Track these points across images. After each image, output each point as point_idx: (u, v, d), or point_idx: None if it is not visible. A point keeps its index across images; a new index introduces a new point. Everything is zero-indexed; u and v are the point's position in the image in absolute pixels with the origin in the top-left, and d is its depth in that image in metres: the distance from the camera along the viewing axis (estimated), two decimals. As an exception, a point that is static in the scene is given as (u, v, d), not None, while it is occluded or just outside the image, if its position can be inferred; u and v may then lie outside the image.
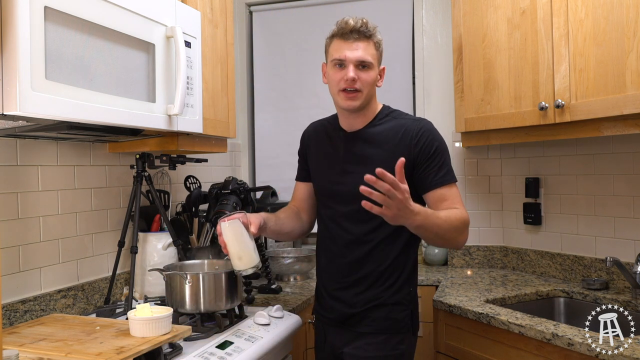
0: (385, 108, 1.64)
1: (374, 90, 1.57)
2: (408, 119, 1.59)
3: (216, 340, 1.48)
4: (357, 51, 1.50)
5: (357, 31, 1.51)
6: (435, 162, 1.52)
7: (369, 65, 1.51)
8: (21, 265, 1.59)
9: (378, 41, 1.54)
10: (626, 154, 2.05)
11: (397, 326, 1.55)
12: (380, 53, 1.56)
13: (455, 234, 1.48)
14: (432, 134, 1.55)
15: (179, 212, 2.23)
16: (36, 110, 1.10)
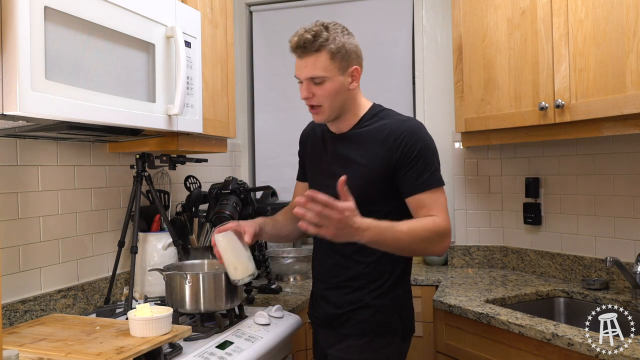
0: (374, 108, 1.57)
1: (342, 97, 1.49)
2: (395, 119, 1.52)
3: (216, 340, 1.48)
4: (305, 68, 1.45)
5: (303, 47, 1.44)
6: (417, 166, 1.46)
7: (322, 79, 1.45)
8: (21, 265, 1.59)
9: (333, 49, 1.43)
10: (626, 154, 2.04)
11: (381, 330, 1.51)
12: (340, 58, 1.45)
13: (424, 245, 1.41)
14: (415, 136, 1.47)
15: (179, 212, 2.23)
16: (36, 110, 1.10)
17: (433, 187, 1.46)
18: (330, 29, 1.45)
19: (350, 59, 1.48)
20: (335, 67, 1.45)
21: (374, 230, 1.32)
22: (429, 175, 1.46)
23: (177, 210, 2.25)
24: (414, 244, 1.39)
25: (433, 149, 1.51)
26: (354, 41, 1.50)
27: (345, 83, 1.48)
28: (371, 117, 1.54)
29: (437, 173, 1.49)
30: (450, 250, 2.62)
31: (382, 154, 1.47)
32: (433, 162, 1.49)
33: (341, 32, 1.47)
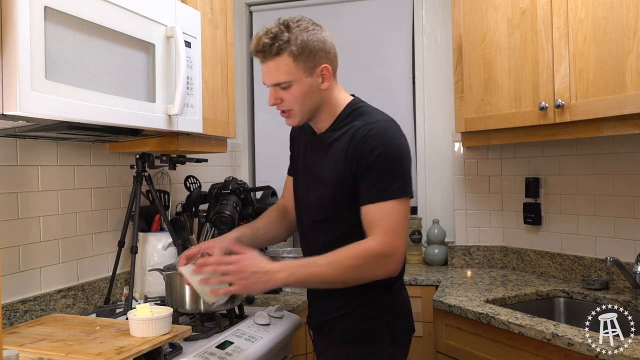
0: (351, 105, 1.45)
1: (313, 99, 1.39)
2: (363, 120, 1.38)
3: (216, 340, 1.48)
4: (269, 74, 1.36)
5: (262, 52, 1.34)
6: (372, 175, 1.32)
7: (287, 83, 1.35)
8: (21, 265, 1.59)
9: (295, 51, 1.32)
10: (626, 154, 2.05)
11: (365, 337, 1.41)
12: (305, 59, 1.34)
13: (357, 273, 1.30)
14: (377, 140, 1.33)
15: (179, 212, 2.23)
16: (36, 110, 1.10)
17: (384, 199, 1.31)
18: (292, 28, 1.34)
19: (317, 58, 1.35)
20: (300, 69, 1.34)
21: (288, 270, 1.27)
22: (384, 186, 1.31)
23: (177, 210, 2.25)
24: (342, 275, 1.29)
25: (396, 155, 1.34)
26: (321, 36, 1.37)
27: (315, 84, 1.37)
28: (345, 117, 1.43)
29: (395, 183, 1.32)
30: (450, 250, 2.62)
31: (344, 165, 1.37)
32: (392, 171, 1.32)
33: (304, 29, 1.35)
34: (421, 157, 2.84)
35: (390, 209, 1.31)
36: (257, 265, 1.26)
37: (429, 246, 2.69)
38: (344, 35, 2.97)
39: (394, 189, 1.31)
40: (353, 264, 1.28)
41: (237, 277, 1.25)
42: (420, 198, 2.84)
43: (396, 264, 1.31)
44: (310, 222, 1.49)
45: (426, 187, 2.83)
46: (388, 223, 1.30)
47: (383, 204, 1.31)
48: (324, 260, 1.29)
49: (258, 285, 1.27)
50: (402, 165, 1.35)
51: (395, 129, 1.39)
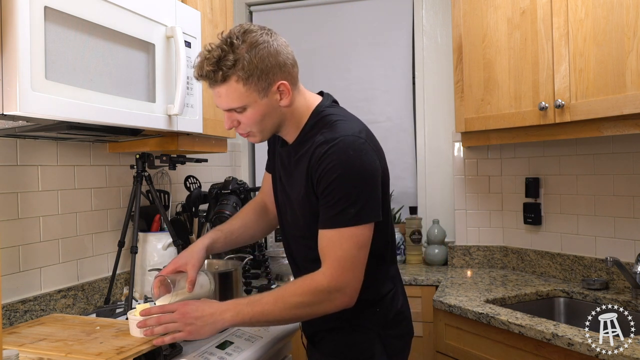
0: (315, 115, 1.32)
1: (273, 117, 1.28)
2: (325, 136, 1.25)
3: (216, 340, 1.47)
4: (219, 99, 1.24)
5: (206, 79, 1.22)
6: (328, 198, 1.21)
7: (241, 108, 1.24)
8: (21, 265, 1.59)
9: (242, 75, 1.19)
10: (626, 154, 2.05)
11: (354, 351, 1.35)
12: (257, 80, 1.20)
13: (305, 310, 1.23)
14: (335, 161, 1.20)
15: (179, 212, 2.23)
16: (36, 110, 1.10)
17: (336, 226, 1.21)
18: (236, 46, 1.18)
19: (270, 76, 1.22)
20: (253, 91, 1.21)
21: (234, 309, 1.22)
22: (338, 212, 1.20)
23: (177, 210, 2.25)
24: (288, 313, 1.22)
25: (354, 178, 1.21)
26: (272, 48, 1.22)
27: (273, 102, 1.25)
28: (310, 129, 1.31)
29: (351, 209, 1.20)
30: (450, 250, 2.62)
31: (306, 187, 1.28)
32: (350, 195, 1.20)
33: (252, 45, 1.19)
34: (421, 157, 2.84)
35: (342, 237, 1.21)
36: (201, 309, 1.23)
37: (429, 246, 2.69)
38: (344, 35, 2.98)
39: (348, 215, 1.20)
40: (299, 300, 1.21)
41: (182, 324, 1.22)
42: (420, 198, 2.84)
43: (349, 297, 1.23)
44: (291, 235, 1.44)
45: (426, 187, 2.83)
46: (338, 254, 1.20)
47: (335, 232, 1.21)
48: (269, 298, 1.23)
49: (205, 329, 1.23)
50: (363, 188, 1.21)
51: (359, 146, 1.23)
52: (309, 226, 1.30)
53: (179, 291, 1.34)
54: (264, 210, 1.60)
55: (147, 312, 1.25)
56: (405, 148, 2.90)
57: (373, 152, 1.26)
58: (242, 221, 1.57)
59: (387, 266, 1.40)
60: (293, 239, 1.43)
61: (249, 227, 1.57)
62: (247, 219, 1.58)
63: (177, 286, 1.34)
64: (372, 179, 1.23)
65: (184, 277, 1.36)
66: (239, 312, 1.23)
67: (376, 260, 1.34)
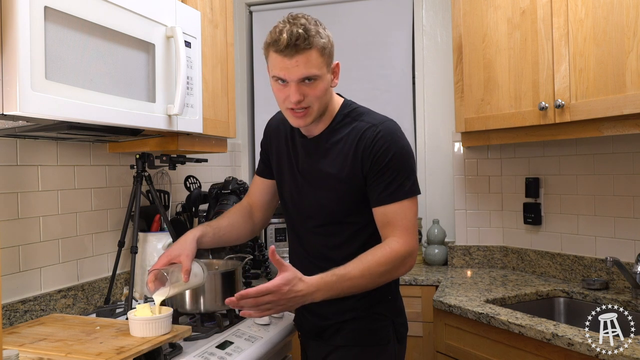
0: (345, 106, 1.45)
1: (328, 97, 1.39)
2: (366, 122, 1.40)
3: (216, 340, 1.47)
4: (297, 68, 1.29)
5: (294, 45, 1.28)
6: (386, 176, 1.35)
7: (315, 77, 1.31)
8: (21, 265, 1.59)
9: (322, 45, 1.31)
10: (626, 154, 2.05)
11: (374, 338, 1.43)
12: (328, 54, 1.34)
13: (385, 277, 1.33)
14: (388, 142, 1.36)
15: (179, 212, 2.23)
16: (36, 110, 1.10)
17: (399, 199, 1.35)
18: (311, 22, 1.32)
19: (332, 54, 1.37)
20: (324, 64, 1.33)
21: (324, 289, 1.26)
22: (398, 186, 1.35)
23: (177, 210, 2.25)
24: (374, 282, 1.32)
25: (406, 155, 1.38)
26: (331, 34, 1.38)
27: (329, 81, 1.37)
28: (343, 118, 1.43)
29: (408, 182, 1.36)
30: (450, 250, 2.62)
31: (354, 165, 1.37)
32: (405, 171, 1.36)
33: (321, 26, 1.34)
34: (421, 157, 2.84)
35: (405, 208, 1.35)
36: (295, 289, 1.23)
37: (429, 246, 2.69)
38: (344, 35, 2.97)
39: (406, 188, 1.35)
40: (384, 269, 1.31)
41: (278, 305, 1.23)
42: (420, 198, 2.84)
43: (414, 260, 1.37)
44: (309, 227, 1.48)
45: (426, 187, 2.83)
46: (405, 223, 1.34)
47: (398, 204, 1.35)
48: (356, 272, 1.28)
49: (294, 307, 1.29)
50: (411, 164, 1.39)
51: (399, 129, 1.42)
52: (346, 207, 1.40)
53: (175, 283, 1.35)
54: (250, 213, 1.64)
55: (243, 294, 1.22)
56: (405, 148, 2.89)
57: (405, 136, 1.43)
58: (229, 220, 1.59)
59: None
60: (307, 232, 1.48)
61: (236, 228, 1.59)
62: (235, 220, 1.60)
63: (172, 278, 1.34)
64: (413, 158, 1.42)
65: (177, 268, 1.37)
66: (330, 289, 1.27)
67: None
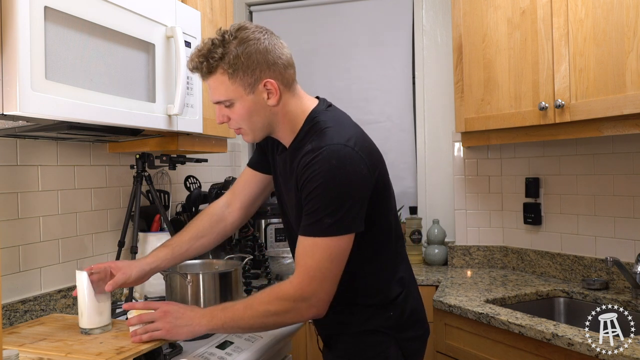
0: (309, 120, 1.29)
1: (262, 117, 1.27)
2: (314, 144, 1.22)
3: (216, 340, 1.47)
4: (210, 91, 1.27)
5: (196, 70, 1.25)
6: (308, 206, 1.20)
7: (229, 102, 1.25)
8: (21, 265, 1.59)
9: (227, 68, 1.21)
10: (626, 154, 2.05)
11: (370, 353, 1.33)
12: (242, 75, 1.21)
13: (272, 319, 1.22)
14: (318, 169, 1.18)
15: (179, 212, 2.23)
16: (36, 110, 1.10)
17: (311, 234, 1.19)
18: (227, 41, 1.21)
19: (256, 73, 1.22)
20: (239, 86, 1.22)
21: (210, 314, 1.24)
22: (315, 221, 1.18)
23: (177, 210, 2.25)
24: (257, 319, 1.22)
25: (336, 187, 1.17)
26: (264, 46, 1.22)
27: (260, 100, 1.24)
28: (304, 136, 1.29)
29: (327, 219, 1.17)
30: (450, 250, 2.62)
31: (296, 195, 1.27)
32: (329, 205, 1.17)
33: (242, 40, 1.21)
34: (421, 157, 2.84)
35: (315, 246, 1.18)
36: (181, 311, 1.26)
37: (429, 246, 2.69)
38: (344, 35, 2.98)
39: (324, 225, 1.17)
40: (266, 308, 1.21)
41: (162, 322, 1.24)
42: (420, 198, 2.84)
43: (316, 307, 1.21)
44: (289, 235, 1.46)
45: (426, 187, 2.83)
46: (308, 263, 1.19)
47: (309, 240, 1.19)
48: (240, 305, 1.24)
49: (183, 330, 1.24)
50: (343, 199, 1.17)
51: (344, 155, 1.19)
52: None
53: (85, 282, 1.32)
54: (221, 217, 1.55)
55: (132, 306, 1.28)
56: (405, 148, 2.90)
57: (361, 160, 1.21)
58: (194, 231, 1.52)
59: (394, 268, 1.37)
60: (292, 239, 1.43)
61: (200, 237, 1.51)
62: (199, 229, 1.52)
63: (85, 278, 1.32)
64: (354, 190, 1.19)
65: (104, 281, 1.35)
66: (214, 317, 1.24)
67: (379, 264, 1.33)
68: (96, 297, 1.33)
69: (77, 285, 1.34)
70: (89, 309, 1.33)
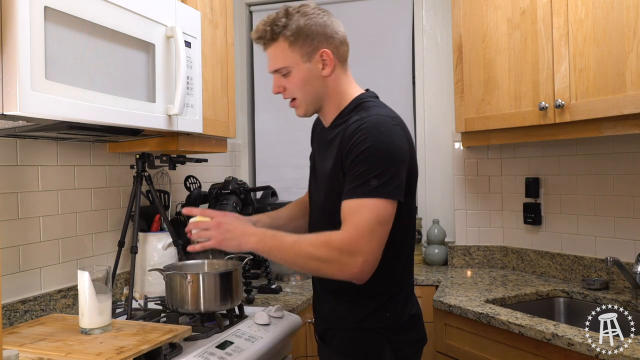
0: (358, 99, 1.37)
1: (315, 87, 1.35)
2: (360, 115, 1.30)
3: (216, 340, 1.48)
4: (269, 61, 1.35)
5: (260, 39, 1.35)
6: (356, 169, 1.23)
7: (286, 69, 1.33)
8: (21, 265, 1.59)
9: (291, 35, 1.30)
10: (626, 154, 2.05)
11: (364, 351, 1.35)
12: (302, 44, 1.31)
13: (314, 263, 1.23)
14: (366, 134, 1.24)
15: (179, 212, 2.23)
16: (36, 110, 1.10)
17: (358, 196, 1.21)
18: (291, 14, 1.31)
19: (315, 43, 1.31)
20: (297, 54, 1.31)
21: (260, 236, 1.28)
22: (363, 182, 1.21)
23: (177, 210, 2.25)
24: (300, 259, 1.24)
25: (384, 152, 1.23)
26: (323, 20, 1.33)
27: (315, 70, 1.33)
28: (349, 112, 1.35)
29: (374, 182, 1.20)
30: (450, 250, 2.62)
31: (335, 163, 1.31)
32: (376, 167, 1.21)
33: (304, 14, 1.31)
34: (421, 157, 2.84)
35: (363, 206, 1.20)
36: (234, 225, 1.30)
37: (429, 246, 2.69)
38: (344, 35, 2.97)
39: (371, 187, 1.20)
40: (313, 251, 1.22)
41: (214, 231, 1.30)
42: (420, 198, 2.84)
43: (359, 268, 1.19)
44: (311, 222, 1.48)
45: (426, 187, 2.83)
46: (357, 220, 1.19)
47: (356, 201, 1.21)
48: (290, 239, 1.25)
49: (232, 243, 1.29)
50: (387, 163, 1.22)
51: (391, 125, 1.27)
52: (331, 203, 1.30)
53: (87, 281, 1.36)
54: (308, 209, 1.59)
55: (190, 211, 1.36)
56: (405, 148, 2.89)
57: (404, 138, 1.29)
58: (288, 212, 1.62)
59: (402, 265, 1.38)
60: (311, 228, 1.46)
61: (294, 219, 1.60)
62: (294, 213, 1.62)
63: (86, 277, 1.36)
64: (398, 159, 1.24)
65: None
66: (262, 240, 1.28)
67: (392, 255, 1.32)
68: (97, 297, 1.33)
69: (79, 285, 1.34)
70: (89, 309, 1.33)
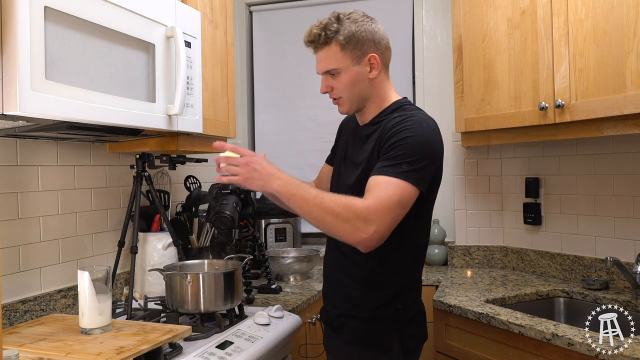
0: (398, 102, 1.48)
1: (361, 88, 1.45)
2: (404, 114, 1.41)
3: (216, 340, 1.48)
4: (320, 62, 1.45)
5: (312, 42, 1.44)
6: (392, 152, 1.32)
7: (336, 71, 1.43)
8: (21, 265, 1.59)
9: (343, 39, 1.40)
10: (626, 154, 2.04)
11: (374, 340, 1.43)
12: (352, 48, 1.40)
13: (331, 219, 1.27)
14: (409, 127, 1.35)
15: (179, 212, 2.23)
16: (36, 110, 1.10)
17: (389, 175, 1.29)
18: (342, 20, 1.42)
19: (364, 47, 1.42)
20: (348, 57, 1.41)
21: (284, 181, 1.33)
22: (394, 164, 1.30)
23: (177, 210, 2.25)
24: (318, 212, 1.29)
25: (419, 144, 1.33)
26: (371, 27, 1.43)
27: (363, 72, 1.43)
28: (390, 112, 1.45)
29: (405, 166, 1.29)
30: (450, 250, 2.62)
31: (372, 152, 1.41)
32: (411, 155, 1.31)
33: (354, 20, 1.42)
34: (421, 157, 2.84)
35: (389, 183, 1.28)
36: (262, 165, 1.35)
37: (429, 246, 2.68)
38: (344, 35, 2.97)
39: (401, 169, 1.29)
40: (332, 207, 1.28)
41: (242, 168, 1.35)
42: (420, 198, 2.84)
43: (369, 235, 1.26)
44: None
45: (426, 187, 2.82)
46: (381, 193, 1.27)
47: (385, 178, 1.29)
48: (313, 191, 1.32)
49: (257, 183, 1.35)
50: (422, 155, 1.32)
51: (433, 127, 1.41)
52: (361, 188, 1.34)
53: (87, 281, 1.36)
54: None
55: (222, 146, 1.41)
56: (405, 148, 2.90)
57: (440, 141, 1.42)
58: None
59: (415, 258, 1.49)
60: None
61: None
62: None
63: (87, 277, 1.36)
64: (432, 155, 1.36)
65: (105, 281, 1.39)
66: (286, 185, 1.33)
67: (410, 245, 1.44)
68: (97, 297, 1.33)
69: (79, 285, 1.34)
70: (89, 309, 1.33)
